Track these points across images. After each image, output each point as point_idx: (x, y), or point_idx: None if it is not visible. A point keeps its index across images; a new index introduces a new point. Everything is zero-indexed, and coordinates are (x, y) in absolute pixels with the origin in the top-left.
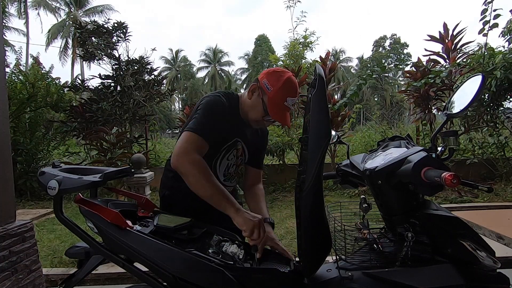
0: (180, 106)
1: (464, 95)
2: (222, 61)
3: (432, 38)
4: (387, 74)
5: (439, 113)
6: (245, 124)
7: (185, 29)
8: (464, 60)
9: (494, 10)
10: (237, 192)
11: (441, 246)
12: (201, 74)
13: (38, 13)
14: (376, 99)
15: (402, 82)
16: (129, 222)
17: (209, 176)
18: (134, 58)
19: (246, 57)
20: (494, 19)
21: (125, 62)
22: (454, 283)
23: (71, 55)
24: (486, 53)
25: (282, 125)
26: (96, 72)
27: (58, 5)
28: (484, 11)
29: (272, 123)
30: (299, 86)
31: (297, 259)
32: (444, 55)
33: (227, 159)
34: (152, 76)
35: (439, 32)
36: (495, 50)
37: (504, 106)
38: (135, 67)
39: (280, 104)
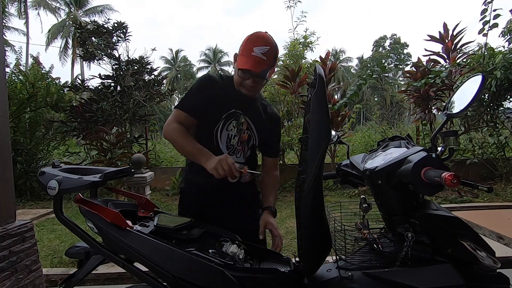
0: None
1: (464, 95)
2: (222, 61)
3: (432, 38)
4: (387, 74)
5: (439, 113)
6: (244, 97)
7: (185, 29)
8: (464, 60)
9: (494, 10)
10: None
11: (441, 246)
12: (201, 74)
13: (38, 13)
14: (376, 99)
15: (402, 82)
16: (129, 222)
17: (185, 136)
18: (134, 58)
19: None
20: (494, 19)
21: (125, 62)
22: (454, 283)
23: (71, 55)
24: (486, 53)
25: (251, 72)
26: (96, 72)
27: (58, 5)
28: (484, 11)
29: (253, 81)
30: (299, 86)
31: (297, 259)
32: (444, 55)
33: (227, 129)
34: (152, 76)
35: (439, 32)
36: (495, 50)
37: (504, 106)
38: (135, 67)
39: (247, 56)
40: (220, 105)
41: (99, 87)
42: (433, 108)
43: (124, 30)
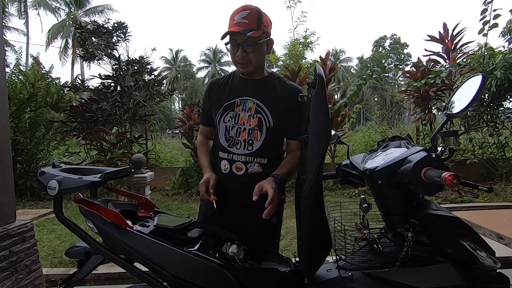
0: (180, 106)
1: (464, 95)
2: (222, 61)
3: (432, 38)
4: (387, 74)
5: (439, 113)
6: (252, 82)
7: (185, 29)
8: (464, 60)
9: (494, 10)
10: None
11: (441, 246)
12: (201, 74)
13: (38, 13)
14: (376, 99)
15: (402, 82)
16: (129, 222)
17: (201, 148)
18: (134, 58)
19: None
20: (494, 19)
21: (125, 62)
22: (454, 283)
23: (71, 55)
24: (486, 53)
25: (231, 35)
26: (96, 72)
27: (58, 5)
28: (484, 11)
29: (241, 50)
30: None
31: (297, 259)
32: (444, 55)
33: (224, 121)
34: (152, 76)
35: (439, 32)
36: (495, 50)
37: (504, 106)
38: (135, 67)
39: (231, 26)
40: (221, 100)
41: (99, 87)
42: (433, 108)
43: (124, 30)
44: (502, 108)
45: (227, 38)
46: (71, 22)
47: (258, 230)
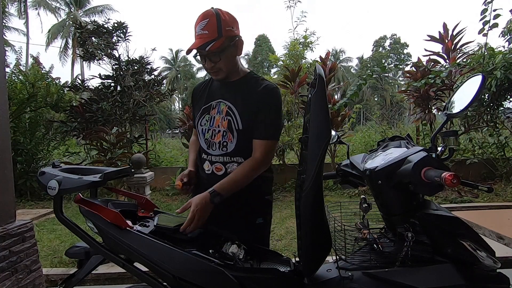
0: (180, 106)
1: (464, 95)
2: None
3: (432, 38)
4: (387, 74)
5: (439, 113)
6: (227, 84)
7: (185, 29)
8: (464, 60)
9: (494, 10)
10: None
11: (441, 246)
12: (201, 74)
13: (38, 13)
14: (376, 99)
15: (402, 82)
16: (129, 222)
17: (191, 147)
18: (134, 58)
19: (246, 57)
20: (494, 19)
21: (125, 62)
22: (454, 283)
23: (71, 55)
24: (486, 53)
25: (195, 49)
26: (96, 72)
27: (58, 5)
28: (484, 11)
29: (209, 61)
30: (299, 86)
31: (297, 259)
32: (444, 55)
33: (200, 124)
34: (152, 76)
35: (439, 32)
36: (495, 50)
37: (504, 106)
38: (135, 67)
39: (194, 37)
40: (200, 104)
41: (99, 87)
42: (433, 108)
43: (124, 30)
44: (502, 108)
45: (194, 50)
46: (71, 22)
47: (242, 231)
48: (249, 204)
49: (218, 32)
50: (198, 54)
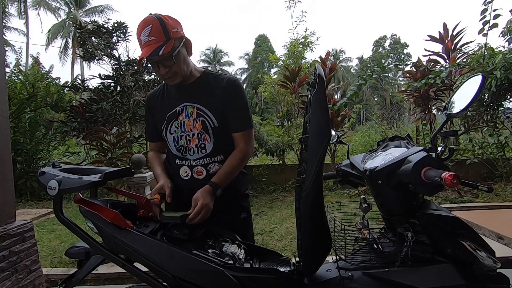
0: None
1: (464, 95)
2: (222, 61)
3: (432, 38)
4: (387, 74)
5: (439, 113)
6: (186, 87)
7: (185, 29)
8: (464, 60)
9: (494, 10)
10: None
11: (441, 246)
12: None
13: (38, 13)
14: (376, 99)
15: (402, 82)
16: (129, 222)
17: (153, 161)
18: (134, 58)
19: (246, 57)
20: (494, 19)
21: (125, 62)
22: (454, 283)
23: (71, 55)
24: (486, 53)
25: (146, 58)
26: (96, 72)
27: (58, 5)
28: (484, 11)
29: (162, 67)
30: (299, 86)
31: (297, 259)
32: (444, 55)
33: (170, 132)
34: (152, 76)
35: (439, 32)
36: (495, 50)
37: (504, 106)
38: (135, 67)
39: (141, 47)
40: (162, 112)
41: (99, 87)
42: (433, 108)
43: (124, 30)
44: (502, 108)
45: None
46: (71, 22)
47: (227, 226)
48: (233, 200)
49: (165, 36)
50: (148, 62)
